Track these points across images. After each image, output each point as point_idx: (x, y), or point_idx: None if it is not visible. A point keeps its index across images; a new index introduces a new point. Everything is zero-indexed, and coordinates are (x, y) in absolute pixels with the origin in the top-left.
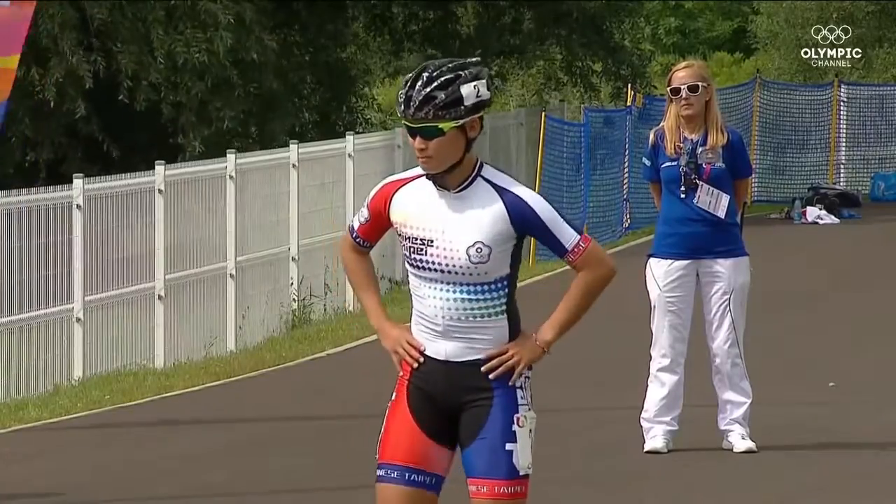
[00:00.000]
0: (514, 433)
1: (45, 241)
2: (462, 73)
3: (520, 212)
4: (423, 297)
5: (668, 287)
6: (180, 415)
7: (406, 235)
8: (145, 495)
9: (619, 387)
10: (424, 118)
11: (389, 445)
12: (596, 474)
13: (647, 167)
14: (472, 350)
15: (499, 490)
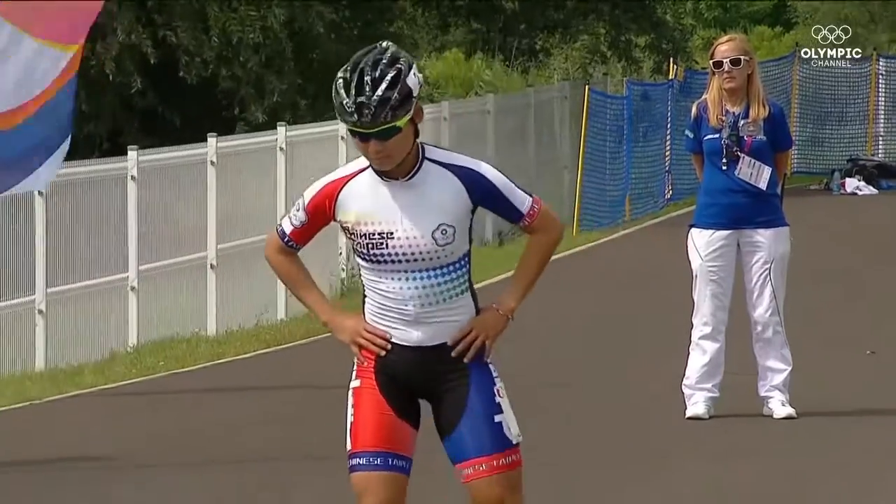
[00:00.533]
0: (499, 405)
1: (101, 211)
2: (399, 65)
3: (475, 182)
4: (388, 290)
5: (709, 257)
6: (231, 381)
7: (361, 233)
8: (197, 460)
9: (662, 355)
10: (384, 122)
11: (366, 433)
12: (638, 440)
13: (690, 139)
14: (443, 332)
15: (498, 464)
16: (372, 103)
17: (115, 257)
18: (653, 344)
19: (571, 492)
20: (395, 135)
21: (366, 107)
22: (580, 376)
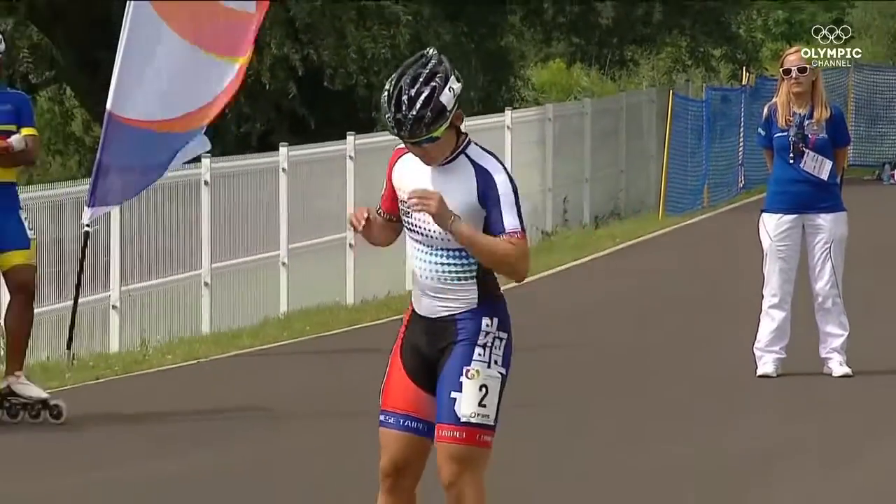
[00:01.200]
0: (461, 384)
1: (256, 198)
2: (435, 82)
3: (485, 182)
4: (412, 258)
5: (778, 237)
6: (367, 344)
7: (402, 199)
8: (345, 411)
9: (736, 321)
10: (420, 135)
11: (389, 394)
12: (717, 394)
13: (762, 136)
14: (443, 308)
15: (442, 434)
16: (408, 121)
17: (268, 237)
18: (729, 311)
19: (659, 432)
20: (435, 141)
21: (403, 124)
22: (672, 336)
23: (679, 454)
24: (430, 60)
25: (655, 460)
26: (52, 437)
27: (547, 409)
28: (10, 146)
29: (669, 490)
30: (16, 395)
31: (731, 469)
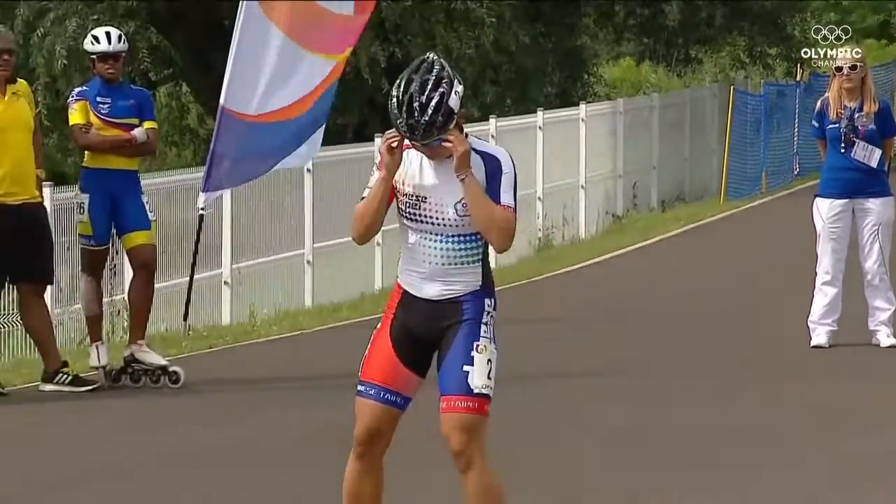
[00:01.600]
0: (472, 358)
1: (352, 184)
2: (443, 87)
3: (492, 165)
4: (413, 246)
5: (830, 220)
6: None
7: (403, 192)
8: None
9: (790, 296)
10: (432, 137)
11: (370, 367)
12: (771, 361)
13: (815, 127)
14: (450, 291)
15: (454, 404)
16: (420, 127)
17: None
18: (784, 287)
19: (724, 390)
20: (442, 142)
21: (416, 128)
22: (732, 309)
23: (742, 411)
24: (434, 66)
25: (722, 415)
26: (171, 401)
27: (647, 366)
28: (134, 138)
29: (737, 439)
30: (138, 362)
31: (788, 426)
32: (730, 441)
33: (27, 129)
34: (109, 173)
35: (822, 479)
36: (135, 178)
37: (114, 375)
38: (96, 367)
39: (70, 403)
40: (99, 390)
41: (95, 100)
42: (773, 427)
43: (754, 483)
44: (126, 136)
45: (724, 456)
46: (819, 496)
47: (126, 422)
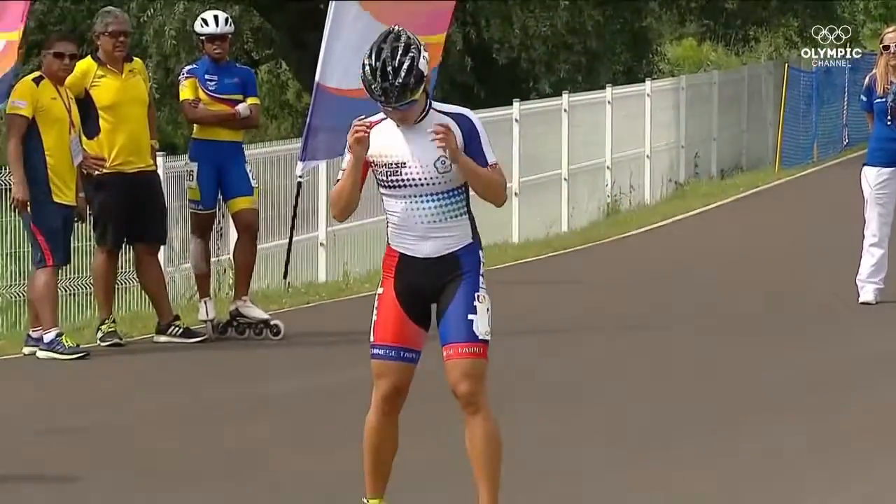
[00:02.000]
0: (475, 308)
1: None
2: (412, 52)
3: (463, 123)
4: (400, 212)
5: (877, 187)
6: (529, 277)
7: (382, 163)
8: (512, 330)
9: (841, 257)
10: (404, 99)
11: (383, 330)
12: (825, 317)
13: (864, 101)
14: (445, 246)
15: (462, 350)
16: (395, 89)
17: None
18: (835, 248)
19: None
20: (412, 105)
21: (390, 91)
22: (786, 268)
23: (795, 361)
24: (402, 34)
25: (778, 365)
26: (272, 351)
27: (708, 320)
28: (238, 113)
29: (788, 386)
30: (243, 316)
31: (838, 375)
32: (782, 387)
33: (142, 104)
34: (216, 144)
35: (860, 424)
36: (239, 149)
37: (221, 328)
38: (205, 321)
39: (181, 353)
40: (207, 342)
41: (204, 77)
42: (823, 374)
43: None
44: (231, 111)
45: (771, 401)
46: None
47: (231, 370)
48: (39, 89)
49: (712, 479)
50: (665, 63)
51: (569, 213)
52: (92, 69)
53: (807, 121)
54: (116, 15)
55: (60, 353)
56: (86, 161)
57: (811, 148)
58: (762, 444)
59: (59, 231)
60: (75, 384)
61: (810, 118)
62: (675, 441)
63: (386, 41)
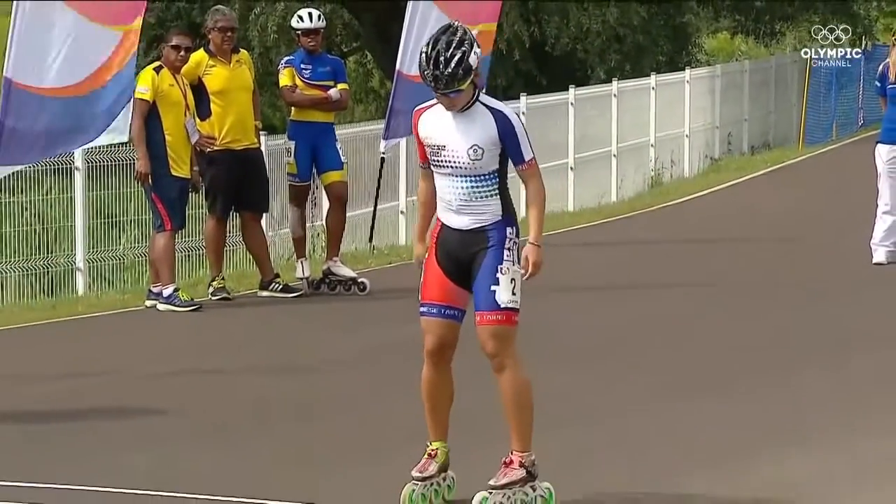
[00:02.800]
0: (498, 279)
1: None
2: (464, 47)
3: (500, 120)
4: (442, 187)
5: (889, 162)
6: (585, 240)
7: (428, 144)
8: (563, 287)
9: (857, 222)
10: (452, 87)
11: (428, 290)
12: (840, 274)
13: (878, 87)
14: (476, 221)
15: (486, 318)
16: (444, 77)
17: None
18: (851, 215)
19: (804, 296)
20: (459, 93)
21: (440, 79)
22: (808, 232)
23: (815, 315)
24: (458, 30)
25: (796, 316)
26: (360, 305)
27: (741, 280)
28: (330, 97)
29: (806, 339)
30: (334, 275)
31: (854, 328)
32: (800, 338)
33: (248, 90)
34: (311, 125)
35: (867, 375)
36: (331, 129)
37: (315, 284)
38: (301, 278)
39: (281, 306)
40: (303, 296)
41: (300, 66)
42: (841, 326)
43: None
44: (324, 95)
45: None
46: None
47: (323, 321)
48: (159, 77)
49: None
50: (702, 54)
51: (617, 184)
52: (204, 60)
53: (827, 104)
54: (225, 13)
55: (177, 305)
56: (199, 139)
57: (830, 128)
58: (779, 397)
59: (176, 200)
60: (190, 333)
61: (830, 102)
62: (695, 395)
63: (444, 34)
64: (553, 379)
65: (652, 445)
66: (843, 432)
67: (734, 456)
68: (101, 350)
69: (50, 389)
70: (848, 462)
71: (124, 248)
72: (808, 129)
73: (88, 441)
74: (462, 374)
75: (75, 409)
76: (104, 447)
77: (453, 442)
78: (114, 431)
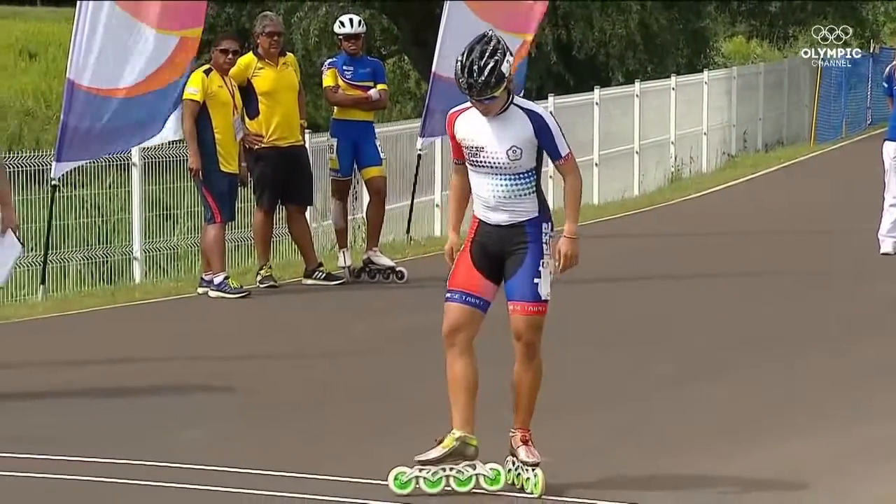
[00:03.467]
0: (539, 272)
1: None
2: (497, 56)
3: (536, 121)
4: (480, 185)
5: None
6: (609, 232)
7: (466, 145)
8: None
9: (864, 215)
10: (485, 95)
11: (455, 278)
12: (848, 264)
13: (885, 87)
14: (512, 217)
15: (528, 308)
16: (478, 85)
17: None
18: (859, 208)
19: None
20: (493, 100)
21: (473, 86)
22: (818, 224)
23: (824, 301)
24: (492, 40)
25: (805, 304)
26: (398, 293)
27: (752, 269)
28: (370, 97)
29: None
30: (374, 264)
31: (861, 316)
32: (809, 325)
33: (294, 90)
34: (352, 123)
35: (872, 361)
36: (371, 127)
37: (356, 273)
38: (343, 267)
39: (324, 293)
40: (345, 284)
41: (342, 68)
42: (852, 310)
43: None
44: (364, 95)
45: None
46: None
47: (364, 307)
48: (209, 79)
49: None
50: (719, 56)
51: (639, 179)
52: (253, 62)
53: (837, 104)
54: (272, 19)
55: (227, 292)
56: (247, 137)
57: (840, 126)
58: (786, 381)
59: (225, 194)
60: (240, 318)
61: (840, 102)
62: (709, 379)
63: (478, 43)
64: (580, 363)
65: (668, 426)
66: (847, 415)
67: (741, 437)
68: (157, 334)
69: (110, 370)
70: (851, 444)
71: (178, 239)
72: (819, 127)
73: (146, 418)
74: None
75: (133, 387)
76: (161, 424)
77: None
78: (170, 409)
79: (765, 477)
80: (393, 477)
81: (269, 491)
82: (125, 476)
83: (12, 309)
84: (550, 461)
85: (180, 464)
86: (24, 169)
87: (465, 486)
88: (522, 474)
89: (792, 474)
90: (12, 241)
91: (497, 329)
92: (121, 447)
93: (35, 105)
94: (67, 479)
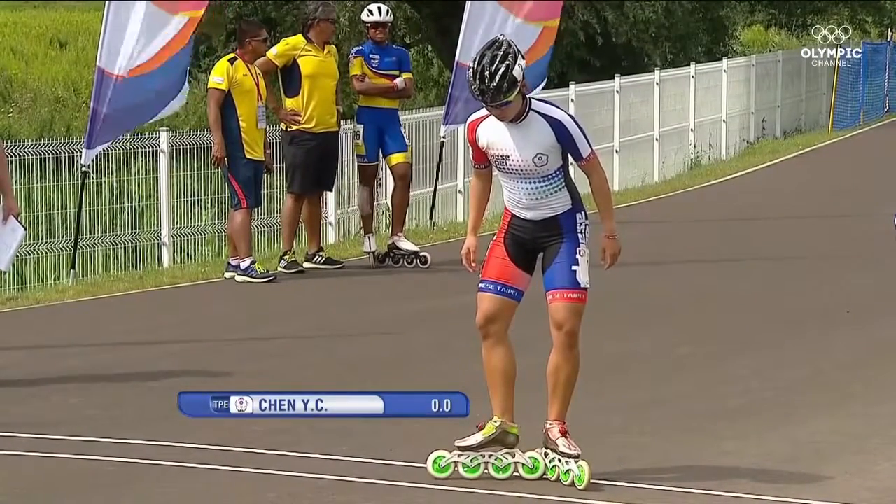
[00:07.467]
0: (578, 260)
1: None
2: (508, 61)
3: (556, 127)
4: (512, 188)
5: None
6: (628, 218)
7: (491, 154)
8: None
9: (882, 198)
10: (498, 100)
11: (489, 269)
12: (863, 246)
13: None
14: (546, 212)
15: (568, 296)
16: (490, 90)
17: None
18: (877, 191)
19: (830, 264)
20: (507, 105)
21: (486, 92)
22: (836, 207)
23: (842, 281)
24: (503, 45)
25: (824, 285)
26: (421, 277)
27: (771, 253)
28: (396, 86)
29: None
30: (398, 249)
31: (878, 295)
32: (831, 306)
33: (333, 78)
34: (378, 110)
35: (890, 340)
36: (396, 114)
37: (380, 258)
38: (368, 252)
39: (349, 277)
40: (369, 268)
41: (368, 56)
42: (866, 294)
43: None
44: (390, 84)
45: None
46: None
47: (389, 291)
48: (234, 68)
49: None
50: (738, 45)
51: (659, 166)
52: (301, 43)
53: (854, 91)
54: (334, 8)
55: (253, 277)
56: (285, 115)
57: (858, 113)
58: (806, 361)
59: (251, 180)
60: (266, 301)
61: (857, 89)
62: (732, 358)
63: (489, 49)
64: (601, 344)
65: (690, 406)
66: (870, 395)
67: (764, 416)
68: (185, 317)
69: (139, 352)
70: (874, 424)
71: (205, 224)
72: (837, 114)
73: (175, 400)
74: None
75: (163, 370)
76: None
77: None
78: (198, 389)
79: (787, 455)
80: (432, 461)
81: (304, 473)
82: (158, 457)
83: (43, 293)
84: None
85: (208, 445)
86: (56, 156)
87: (503, 473)
88: (559, 466)
89: (814, 453)
90: (14, 226)
91: (521, 319)
92: (151, 429)
93: (65, 93)
94: (103, 460)
